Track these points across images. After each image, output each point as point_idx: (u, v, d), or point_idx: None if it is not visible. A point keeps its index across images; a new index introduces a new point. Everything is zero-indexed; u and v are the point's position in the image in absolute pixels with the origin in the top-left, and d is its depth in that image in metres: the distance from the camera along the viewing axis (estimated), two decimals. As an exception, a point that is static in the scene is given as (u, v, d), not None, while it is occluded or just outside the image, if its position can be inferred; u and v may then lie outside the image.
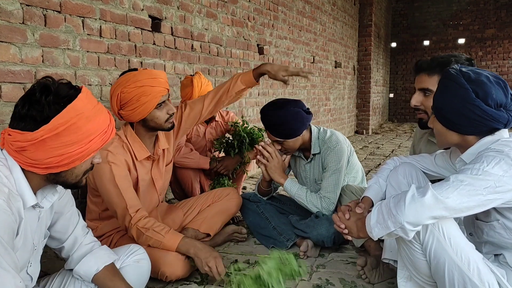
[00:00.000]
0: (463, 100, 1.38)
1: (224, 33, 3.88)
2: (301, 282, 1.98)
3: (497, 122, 1.36)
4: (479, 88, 1.37)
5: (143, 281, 1.69)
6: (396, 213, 1.30)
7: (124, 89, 1.90)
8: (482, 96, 1.36)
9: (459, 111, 1.39)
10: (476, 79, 1.39)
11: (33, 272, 1.35)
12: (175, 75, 3.17)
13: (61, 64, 2.26)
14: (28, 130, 1.16)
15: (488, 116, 1.35)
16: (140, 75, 1.92)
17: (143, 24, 2.83)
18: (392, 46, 12.02)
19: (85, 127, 1.22)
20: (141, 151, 2.06)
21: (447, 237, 1.35)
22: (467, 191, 1.25)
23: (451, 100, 1.41)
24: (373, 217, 1.39)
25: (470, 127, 1.40)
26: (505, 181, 1.24)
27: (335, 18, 7.29)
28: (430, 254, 1.38)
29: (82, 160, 1.24)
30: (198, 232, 2.32)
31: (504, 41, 10.93)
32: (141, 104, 1.92)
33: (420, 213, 1.27)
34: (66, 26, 2.27)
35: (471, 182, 1.26)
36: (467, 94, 1.37)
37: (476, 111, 1.36)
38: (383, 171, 1.84)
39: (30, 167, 1.20)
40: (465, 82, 1.39)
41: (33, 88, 1.20)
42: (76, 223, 1.52)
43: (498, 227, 1.41)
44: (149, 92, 1.91)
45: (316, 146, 2.41)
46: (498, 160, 1.27)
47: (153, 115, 1.97)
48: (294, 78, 5.64)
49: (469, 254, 1.34)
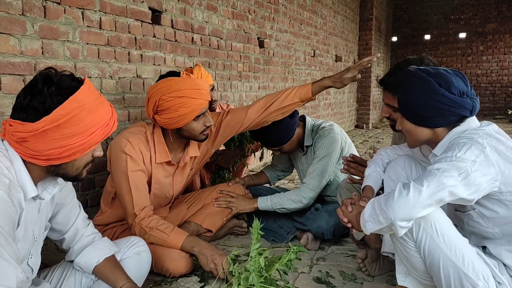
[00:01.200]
0: (428, 92, 1.43)
1: (224, 26, 3.86)
2: (302, 274, 1.99)
3: (464, 108, 1.41)
4: (440, 79, 1.43)
5: (143, 273, 1.69)
6: (387, 209, 1.32)
7: (163, 96, 1.84)
8: (445, 86, 1.41)
9: (426, 103, 1.44)
10: (435, 72, 1.46)
11: (34, 264, 1.35)
12: (175, 68, 3.16)
13: (60, 56, 2.25)
14: (29, 121, 1.15)
15: (454, 104, 1.41)
16: (183, 84, 1.85)
17: (143, 16, 2.81)
18: (393, 40, 11.98)
19: (87, 119, 1.21)
20: (162, 155, 2.00)
21: (440, 233, 1.37)
22: (445, 177, 1.28)
23: (416, 95, 1.46)
24: (367, 211, 1.42)
25: (439, 117, 1.44)
26: (477, 165, 1.29)
27: (336, 12, 7.25)
28: (424, 251, 1.40)
29: (83, 152, 1.24)
30: (200, 227, 2.31)
31: (506, 36, 10.90)
32: (180, 115, 1.86)
33: (408, 208, 1.29)
34: (65, 17, 2.26)
35: (447, 168, 1.30)
36: (430, 85, 1.43)
37: (442, 100, 1.41)
38: (377, 160, 1.89)
39: (31, 159, 1.19)
40: (426, 75, 1.45)
41: (35, 78, 1.19)
42: (77, 215, 1.52)
43: (476, 216, 1.44)
44: (190, 104, 1.85)
45: (309, 138, 2.43)
46: (469, 146, 1.33)
47: (190, 126, 1.92)
48: (294, 72, 5.63)
49: (463, 249, 1.36)
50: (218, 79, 3.84)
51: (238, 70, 4.21)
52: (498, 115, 10.95)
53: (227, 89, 4.02)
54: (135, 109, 2.80)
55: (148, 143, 1.98)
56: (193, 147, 2.13)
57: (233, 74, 4.10)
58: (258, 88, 4.67)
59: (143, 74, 2.84)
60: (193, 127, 1.93)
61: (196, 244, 1.88)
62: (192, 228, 2.29)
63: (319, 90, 2.12)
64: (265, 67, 4.80)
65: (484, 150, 1.31)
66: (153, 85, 1.93)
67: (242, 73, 4.28)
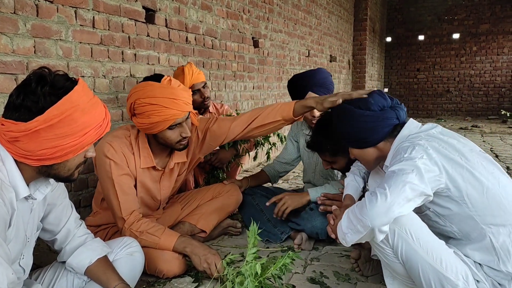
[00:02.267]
0: (352, 117, 1.60)
1: (219, 26, 3.86)
2: (295, 275, 1.99)
3: (388, 119, 1.56)
4: (358, 102, 1.61)
5: (136, 274, 1.68)
6: (363, 217, 1.36)
7: (138, 100, 1.80)
8: (364, 107, 1.58)
9: (356, 127, 1.59)
10: (352, 100, 1.64)
11: (26, 265, 1.34)
12: (169, 67, 3.15)
13: (53, 55, 2.23)
14: (22, 121, 1.14)
15: (377, 119, 1.56)
16: (159, 91, 1.79)
17: (136, 16, 2.80)
18: (387, 41, 12.02)
19: (80, 119, 1.20)
20: (147, 160, 1.97)
21: (415, 238, 1.40)
22: (402, 175, 1.35)
23: (345, 123, 1.64)
24: (343, 223, 1.46)
25: (373, 135, 1.58)
26: (423, 162, 1.37)
27: (331, 12, 7.26)
28: (402, 257, 1.43)
29: (76, 153, 1.23)
30: (194, 227, 2.30)
31: (499, 36, 10.97)
32: (151, 122, 1.81)
33: (382, 213, 1.33)
34: (58, 16, 2.24)
35: (400, 168, 1.38)
36: (351, 111, 1.60)
37: (366, 119, 1.57)
38: (355, 170, 1.99)
39: (23, 158, 1.18)
40: (346, 105, 1.65)
41: (29, 78, 1.18)
42: (69, 215, 1.51)
43: (433, 216, 1.49)
44: (162, 113, 1.78)
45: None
46: (412, 148, 1.42)
47: (164, 134, 1.86)
48: (289, 72, 5.64)
49: (440, 251, 1.39)
50: (213, 78, 3.83)
51: (233, 70, 4.20)
52: (491, 115, 11.03)
53: (222, 89, 4.02)
54: (128, 108, 2.79)
55: (132, 147, 1.94)
56: (180, 153, 2.08)
57: (227, 74, 4.09)
58: (252, 88, 4.67)
59: (136, 73, 2.83)
60: (168, 136, 1.87)
61: (188, 244, 1.87)
62: (186, 228, 2.27)
63: (302, 110, 1.98)
64: (259, 67, 4.79)
65: (426, 150, 1.41)
66: (134, 86, 1.90)
67: (236, 73, 4.28)
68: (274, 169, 2.76)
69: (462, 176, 1.40)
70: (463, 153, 1.44)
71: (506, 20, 10.86)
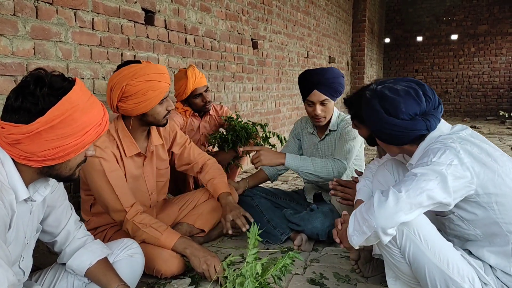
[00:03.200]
0: (379, 121, 1.50)
1: (218, 27, 3.86)
2: (295, 276, 1.98)
3: (417, 131, 1.45)
4: (388, 105, 1.46)
5: (136, 275, 1.68)
6: (369, 217, 1.34)
7: (131, 81, 1.87)
8: (393, 113, 1.45)
9: (380, 130, 1.52)
10: (385, 96, 1.48)
11: (26, 267, 1.34)
12: (169, 69, 3.15)
13: (53, 57, 2.23)
14: (22, 123, 1.14)
15: (405, 129, 1.45)
16: (148, 69, 1.90)
17: (136, 17, 2.80)
18: (386, 42, 12.04)
19: (81, 119, 1.21)
20: (131, 147, 2.03)
21: (424, 239, 1.39)
22: (423, 181, 1.31)
23: (372, 123, 1.55)
24: (350, 225, 1.44)
25: (397, 140, 1.50)
26: (453, 169, 1.31)
27: (329, 13, 7.27)
28: (409, 257, 1.42)
29: (77, 152, 1.23)
30: (192, 228, 2.30)
31: (497, 37, 11.00)
32: (147, 98, 1.90)
33: (389, 215, 1.31)
34: (58, 18, 2.24)
35: (423, 172, 1.33)
36: (379, 115, 1.48)
37: (392, 128, 1.46)
38: (368, 174, 1.90)
39: (24, 160, 1.18)
40: (377, 103, 1.49)
41: (26, 80, 1.18)
42: (69, 217, 1.51)
43: (456, 220, 1.46)
44: (157, 87, 1.90)
45: (334, 124, 2.49)
46: (443, 151, 1.35)
47: (154, 110, 1.96)
48: (288, 73, 5.64)
49: (447, 253, 1.38)
50: (212, 80, 3.83)
51: (232, 71, 4.20)
52: (490, 116, 11.04)
53: (221, 90, 4.02)
54: (128, 110, 2.78)
55: (115, 140, 2.00)
56: (155, 136, 2.17)
57: (226, 75, 4.10)
58: (251, 89, 4.67)
59: (136, 75, 2.82)
60: (158, 111, 1.98)
61: (189, 246, 1.87)
62: (185, 229, 2.27)
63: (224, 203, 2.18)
64: (258, 68, 4.80)
65: (458, 154, 1.34)
66: (115, 74, 1.94)
67: (235, 74, 4.28)
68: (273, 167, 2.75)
69: (493, 182, 1.35)
70: (495, 158, 1.38)
71: (504, 21, 10.88)
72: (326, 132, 2.51)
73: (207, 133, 3.10)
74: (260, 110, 4.92)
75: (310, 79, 2.37)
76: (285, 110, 5.70)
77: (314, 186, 2.65)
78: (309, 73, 2.41)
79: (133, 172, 2.08)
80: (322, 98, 2.36)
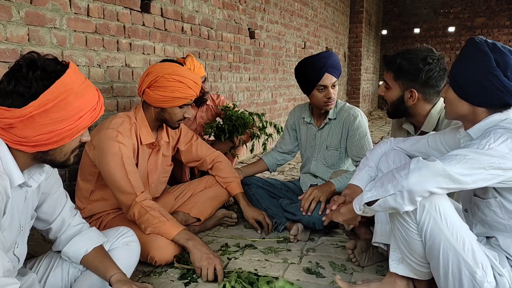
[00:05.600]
0: (482, 67, 1.37)
1: (215, 16, 3.82)
2: (291, 265, 1.99)
3: (511, 96, 1.35)
4: (501, 58, 1.35)
5: (132, 263, 1.67)
6: (400, 176, 1.30)
7: (166, 75, 2.00)
8: (503, 67, 1.34)
9: (476, 78, 1.38)
10: (499, 49, 1.38)
11: (20, 254, 1.33)
12: (165, 57, 3.12)
13: (47, 43, 2.20)
14: (15, 107, 1.12)
15: (504, 88, 1.35)
16: (186, 73, 2.05)
17: (132, 4, 2.76)
18: (383, 34, 11.99)
19: (75, 103, 1.19)
20: (147, 136, 2.12)
21: (444, 217, 1.36)
22: (471, 164, 1.26)
23: (470, 67, 1.40)
24: (368, 187, 1.41)
25: (483, 97, 1.39)
26: (509, 158, 1.25)
27: (327, 4, 7.23)
28: (426, 234, 1.39)
29: (72, 137, 1.22)
30: (188, 216, 2.30)
31: (494, 30, 10.99)
32: (173, 96, 2.02)
33: (424, 179, 1.26)
34: (52, 4, 2.20)
35: (475, 156, 1.26)
36: (488, 62, 1.36)
37: (493, 80, 1.35)
38: (375, 155, 1.81)
39: (18, 145, 1.17)
40: (489, 50, 1.37)
41: (18, 63, 1.16)
42: (64, 204, 1.50)
43: (495, 205, 1.41)
44: (185, 92, 2.03)
45: (333, 112, 2.50)
46: (505, 138, 1.28)
47: (173, 110, 2.08)
48: (285, 64, 5.61)
49: (464, 235, 1.35)
50: (209, 69, 3.80)
51: (229, 61, 4.17)
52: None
53: (218, 80, 3.99)
54: (123, 98, 2.76)
55: (133, 128, 2.06)
56: (164, 133, 2.27)
57: (223, 64, 4.07)
58: (248, 79, 4.65)
59: (132, 63, 2.80)
60: (175, 112, 2.09)
61: (192, 239, 1.85)
62: (180, 218, 2.27)
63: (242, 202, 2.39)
64: (255, 58, 4.77)
65: None
66: (157, 63, 2.11)
67: (232, 64, 4.25)
68: (272, 157, 2.75)
69: None
70: None
71: (501, 13, 10.87)
72: (326, 121, 2.50)
73: (204, 123, 3.08)
74: (256, 101, 4.90)
75: (318, 64, 2.37)
76: (282, 101, 5.68)
77: (310, 177, 2.64)
78: (313, 59, 2.40)
79: (142, 163, 2.14)
80: (333, 80, 2.39)
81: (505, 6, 10.83)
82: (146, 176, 2.18)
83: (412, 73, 1.85)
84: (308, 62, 2.41)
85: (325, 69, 2.35)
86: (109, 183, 1.93)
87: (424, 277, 1.54)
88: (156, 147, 2.20)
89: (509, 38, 10.94)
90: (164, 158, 2.29)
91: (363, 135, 2.43)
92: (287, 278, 1.82)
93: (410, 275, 1.56)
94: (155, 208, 1.90)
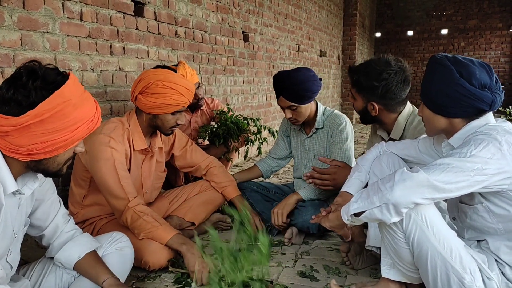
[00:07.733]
0: (447, 80, 1.41)
1: (208, 19, 3.83)
2: (286, 269, 1.99)
3: (482, 102, 1.38)
4: (463, 69, 1.40)
5: (126, 269, 1.67)
6: (385, 189, 1.30)
7: (159, 82, 1.99)
8: (466, 76, 1.38)
9: (444, 92, 1.42)
10: (460, 61, 1.43)
11: (13, 261, 1.32)
12: (158, 61, 3.12)
13: (40, 48, 2.19)
14: (12, 115, 1.12)
15: (472, 96, 1.38)
16: (178, 80, 2.04)
17: (125, 8, 2.76)
18: (377, 36, 12.07)
19: (72, 114, 1.19)
20: (140, 142, 2.10)
21: (430, 225, 1.37)
22: (454, 172, 1.27)
23: (437, 82, 1.45)
24: (354, 198, 1.41)
25: (456, 108, 1.42)
26: (492, 163, 1.27)
27: (320, 7, 7.26)
28: (413, 242, 1.40)
29: (66, 148, 1.22)
30: (182, 221, 2.30)
31: (486, 32, 11.09)
32: (164, 103, 2.00)
33: (409, 191, 1.27)
34: (45, 8, 2.20)
35: (458, 164, 1.28)
36: (451, 74, 1.40)
37: (460, 90, 1.38)
38: (366, 161, 1.82)
39: (12, 153, 1.16)
40: (450, 64, 1.43)
41: (19, 71, 1.16)
42: (57, 210, 1.49)
43: (482, 210, 1.43)
44: (177, 99, 2.02)
45: (320, 121, 2.46)
46: (486, 143, 1.30)
47: (165, 117, 2.06)
48: (279, 67, 5.62)
49: (451, 242, 1.37)
50: (202, 73, 3.81)
51: (223, 64, 4.18)
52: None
53: (212, 83, 3.99)
54: (117, 102, 2.76)
55: (126, 133, 2.05)
56: (159, 139, 2.26)
57: (217, 68, 4.07)
58: (242, 83, 4.65)
59: (125, 67, 2.79)
60: (168, 119, 2.07)
61: (186, 243, 1.85)
62: (175, 222, 2.27)
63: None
64: (249, 61, 4.78)
65: (501, 148, 1.28)
66: (150, 70, 2.10)
67: (226, 67, 4.25)
68: (267, 164, 2.75)
69: None
70: None
71: (493, 16, 10.97)
72: (313, 130, 2.49)
73: (198, 128, 3.08)
74: (251, 104, 4.90)
75: (275, 85, 2.35)
76: (276, 104, 5.68)
77: (302, 182, 2.64)
78: (276, 77, 2.35)
79: (134, 169, 2.12)
80: (287, 104, 2.33)
81: (497, 9, 10.93)
82: (140, 182, 2.17)
83: (370, 88, 1.92)
84: (273, 78, 2.38)
85: (280, 92, 2.33)
86: (102, 189, 1.93)
87: (416, 282, 1.55)
88: (149, 153, 2.19)
89: (501, 40, 11.05)
90: (158, 164, 2.29)
91: (344, 140, 2.38)
92: (281, 282, 1.82)
93: (401, 279, 1.57)
94: (148, 213, 1.89)
